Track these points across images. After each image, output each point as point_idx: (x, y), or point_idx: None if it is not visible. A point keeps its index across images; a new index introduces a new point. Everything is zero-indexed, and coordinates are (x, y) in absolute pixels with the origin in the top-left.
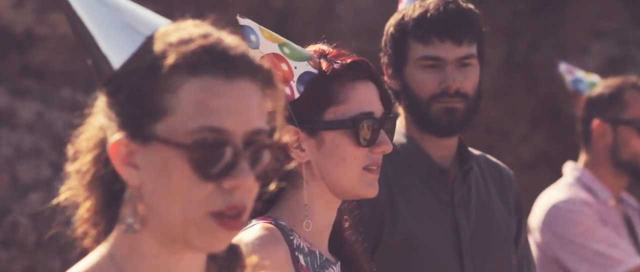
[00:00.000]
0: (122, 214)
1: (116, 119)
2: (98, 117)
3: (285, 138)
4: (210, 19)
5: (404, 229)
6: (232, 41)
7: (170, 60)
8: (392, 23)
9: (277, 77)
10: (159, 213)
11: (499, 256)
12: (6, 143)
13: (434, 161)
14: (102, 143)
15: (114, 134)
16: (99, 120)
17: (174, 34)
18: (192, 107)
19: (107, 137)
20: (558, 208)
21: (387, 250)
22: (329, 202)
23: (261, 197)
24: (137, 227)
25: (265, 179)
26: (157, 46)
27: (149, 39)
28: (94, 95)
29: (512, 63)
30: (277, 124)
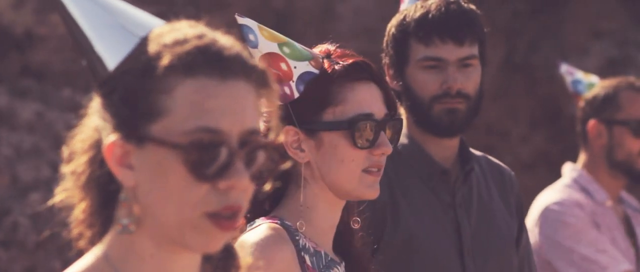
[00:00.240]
0: (118, 215)
1: (111, 121)
2: (93, 119)
3: (283, 138)
4: (207, 19)
5: (405, 229)
6: (227, 42)
7: (165, 61)
8: (393, 23)
9: (271, 78)
10: (155, 214)
11: (500, 257)
12: (6, 143)
13: (435, 162)
14: (97, 144)
15: (109, 135)
16: (94, 122)
17: (168, 35)
18: (187, 107)
19: (102, 139)
20: (549, 210)
21: (389, 250)
22: (331, 202)
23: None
24: (133, 228)
25: (260, 179)
26: (152, 47)
27: (144, 40)
28: (90, 96)
29: (512, 64)
30: (272, 124)
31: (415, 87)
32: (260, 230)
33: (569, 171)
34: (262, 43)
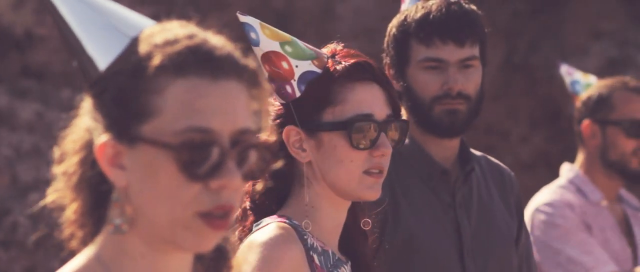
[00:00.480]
0: (110, 216)
1: (102, 121)
2: (84, 119)
3: (285, 137)
4: (205, 19)
5: (405, 229)
6: (218, 42)
7: (155, 62)
8: (394, 24)
9: (263, 77)
10: (146, 214)
11: (500, 257)
12: (6, 143)
13: (435, 162)
14: (89, 145)
15: (101, 135)
16: (86, 122)
17: (159, 35)
18: (178, 107)
19: (94, 139)
20: (539, 211)
21: (389, 250)
22: (334, 202)
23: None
24: (125, 228)
25: (252, 178)
26: (143, 47)
27: (135, 41)
28: (80, 97)
29: (512, 64)
30: (263, 124)
31: (416, 87)
32: (269, 229)
33: (566, 171)
34: (264, 41)
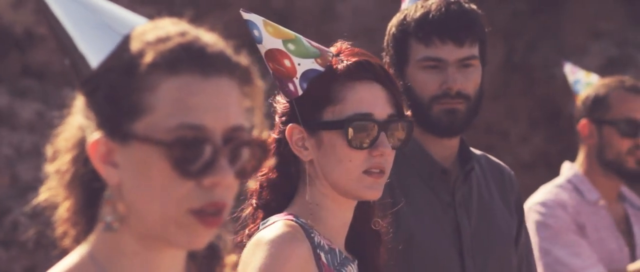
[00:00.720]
0: (102, 213)
1: (95, 119)
2: (77, 117)
3: (288, 135)
4: (211, 18)
5: (405, 229)
6: (210, 38)
7: (148, 59)
8: (394, 23)
9: (256, 74)
10: (139, 211)
11: (500, 256)
12: (7, 143)
13: (435, 161)
14: (81, 143)
15: (93, 133)
16: (78, 120)
17: (151, 32)
18: (170, 105)
19: (86, 137)
20: (532, 211)
21: (389, 250)
22: (338, 201)
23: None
24: (116, 225)
25: (245, 175)
26: (135, 45)
27: (126, 38)
28: (72, 94)
29: (511, 64)
30: (256, 121)
31: (415, 87)
32: (276, 227)
33: (565, 170)
34: (266, 39)
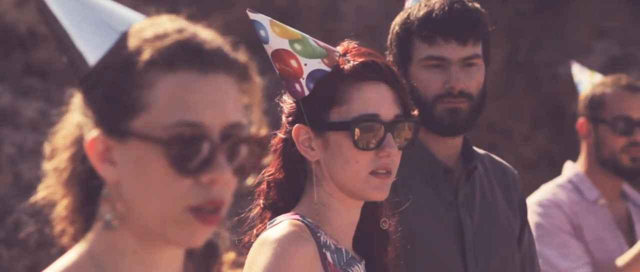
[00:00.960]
0: (100, 211)
1: (93, 116)
2: (75, 115)
3: (295, 135)
4: (215, 18)
5: (407, 227)
6: (208, 35)
7: (145, 56)
8: (397, 22)
9: (254, 71)
10: (137, 209)
11: (503, 255)
12: (9, 142)
13: (438, 160)
14: (79, 140)
15: (91, 131)
16: (76, 118)
17: (148, 29)
18: (168, 102)
19: (84, 135)
20: (529, 210)
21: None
22: (345, 201)
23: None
24: (116, 223)
25: (243, 173)
26: (132, 42)
27: (124, 35)
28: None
29: (514, 63)
30: (254, 118)
31: (418, 86)
32: (282, 226)
33: (567, 169)
34: (273, 39)
